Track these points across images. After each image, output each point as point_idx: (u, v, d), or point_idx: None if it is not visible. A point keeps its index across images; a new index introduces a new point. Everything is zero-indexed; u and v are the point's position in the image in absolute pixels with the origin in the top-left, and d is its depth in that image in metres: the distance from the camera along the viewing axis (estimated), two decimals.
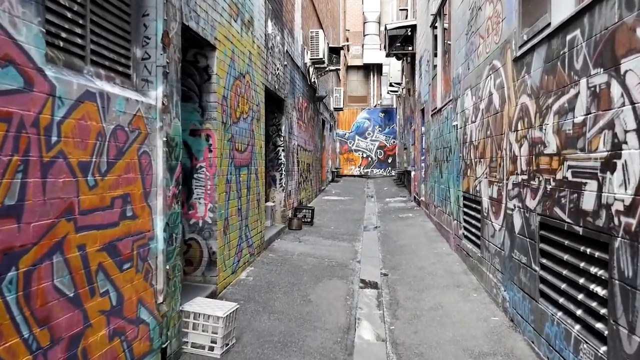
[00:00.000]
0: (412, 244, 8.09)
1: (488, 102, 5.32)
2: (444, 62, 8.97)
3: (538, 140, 3.76)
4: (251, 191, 6.52)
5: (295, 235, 8.84)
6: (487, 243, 5.37)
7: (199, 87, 5.05)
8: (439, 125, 9.20)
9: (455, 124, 7.33)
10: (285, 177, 9.28)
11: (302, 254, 7.37)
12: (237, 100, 5.86)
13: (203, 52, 5.02)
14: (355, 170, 27.58)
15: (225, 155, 5.40)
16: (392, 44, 13.89)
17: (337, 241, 8.51)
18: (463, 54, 6.73)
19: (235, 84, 5.77)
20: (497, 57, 4.94)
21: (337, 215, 11.55)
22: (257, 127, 6.87)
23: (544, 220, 3.64)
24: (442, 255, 7.24)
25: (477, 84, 5.88)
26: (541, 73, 3.69)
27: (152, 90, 3.25)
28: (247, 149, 6.33)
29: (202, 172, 5.06)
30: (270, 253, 7.28)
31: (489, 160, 5.28)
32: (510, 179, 4.49)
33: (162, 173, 3.29)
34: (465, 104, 6.56)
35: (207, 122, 5.05)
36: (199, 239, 5.08)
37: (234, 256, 5.73)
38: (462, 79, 6.78)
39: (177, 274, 3.64)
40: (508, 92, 4.58)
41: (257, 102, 6.88)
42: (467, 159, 6.46)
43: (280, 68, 8.69)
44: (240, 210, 6.00)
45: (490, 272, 5.18)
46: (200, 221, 5.08)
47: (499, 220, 4.88)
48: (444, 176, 8.51)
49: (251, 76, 6.51)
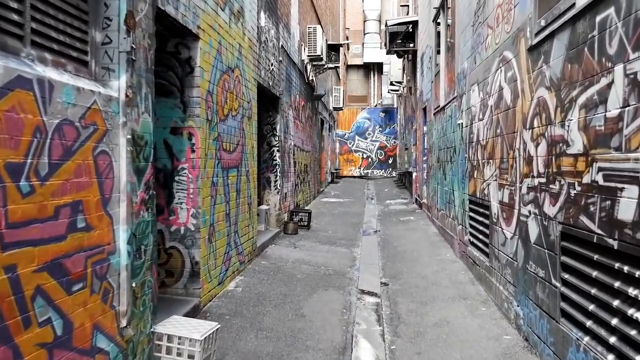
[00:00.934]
0: (413, 250, 7.63)
1: (498, 98, 4.87)
2: (447, 57, 8.52)
3: (559, 138, 3.30)
4: (241, 194, 6.07)
5: (290, 240, 8.38)
6: (496, 252, 4.91)
7: (181, 81, 4.60)
8: (442, 124, 8.75)
9: (460, 123, 6.88)
10: (280, 179, 8.83)
11: (297, 260, 6.91)
12: (225, 96, 5.41)
13: (185, 42, 4.57)
14: (355, 171, 27.11)
15: (211, 155, 4.94)
16: (392, 41, 13.44)
17: (334, 247, 8.05)
18: (469, 48, 6.27)
19: (223, 79, 5.31)
20: (509, 48, 4.48)
21: (336, 219, 11.09)
22: (248, 126, 6.42)
23: (567, 230, 3.18)
24: (446, 262, 6.78)
25: (485, 78, 5.42)
26: (563, 62, 3.23)
27: (114, 80, 2.80)
28: (237, 149, 5.88)
29: (184, 174, 4.61)
30: (262, 260, 6.82)
31: (499, 161, 4.82)
32: (525, 182, 4.03)
33: (126, 176, 2.83)
34: (472, 100, 6.11)
35: (190, 120, 4.60)
36: (180, 248, 4.63)
37: (221, 265, 5.27)
38: (468, 74, 6.33)
39: (148, 292, 3.18)
40: (522, 86, 4.12)
41: (249, 99, 6.43)
42: (474, 159, 6.00)
43: (275, 64, 8.23)
44: (229, 215, 5.54)
45: (501, 283, 4.72)
46: (181, 228, 4.63)
47: (511, 227, 4.42)
48: (448, 178, 8.05)
49: (241, 71, 6.06)
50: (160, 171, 4.61)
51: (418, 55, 12.86)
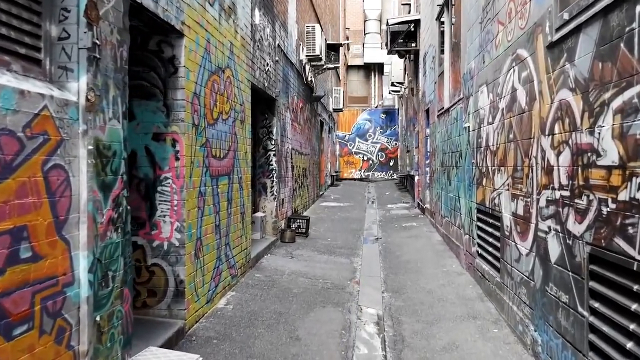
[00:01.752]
0: (417, 260, 7.22)
1: (510, 100, 4.46)
2: (452, 57, 8.11)
3: (587, 147, 2.89)
4: (233, 203, 5.66)
5: (287, 249, 7.97)
6: (509, 267, 4.50)
7: (164, 82, 4.20)
8: (446, 127, 8.34)
9: (466, 126, 6.47)
10: (277, 185, 8.42)
11: (293, 273, 6.50)
12: (215, 99, 5.01)
13: (168, 40, 4.17)
14: (356, 173, 26.69)
15: (198, 163, 4.54)
16: (394, 41, 13.03)
17: (333, 256, 7.64)
18: (476, 46, 5.87)
19: (212, 80, 4.91)
20: (524, 45, 4.08)
21: (335, 225, 10.68)
22: (241, 130, 6.02)
23: (597, 252, 2.77)
24: (452, 274, 6.37)
25: (495, 79, 5.02)
26: (591, 60, 2.83)
27: (73, 82, 2.40)
28: (228, 155, 5.48)
29: (168, 185, 4.20)
30: (257, 272, 6.41)
31: (512, 170, 4.41)
32: (543, 195, 3.62)
33: (88, 193, 2.43)
34: (480, 102, 5.70)
35: (174, 124, 4.19)
36: (163, 265, 4.22)
37: (210, 282, 4.87)
38: (476, 75, 5.92)
39: (117, 323, 2.78)
40: (539, 87, 3.72)
41: (241, 101, 6.02)
42: (482, 166, 5.59)
43: (271, 64, 7.83)
44: (219, 227, 5.14)
45: (514, 303, 4.32)
46: (165, 243, 4.22)
47: (527, 242, 4.01)
48: (453, 184, 7.64)
49: (233, 71, 5.66)
50: (142, 181, 4.21)
51: (420, 55, 12.46)
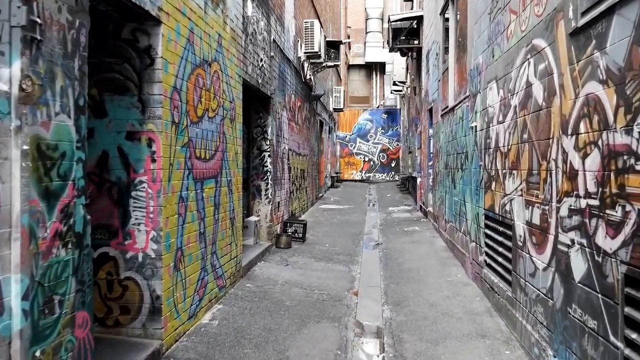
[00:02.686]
0: (420, 268, 6.78)
1: (525, 96, 4.02)
2: (457, 52, 7.68)
3: (622, 148, 2.46)
4: (221, 208, 5.23)
5: (282, 255, 7.54)
6: (522, 282, 4.06)
7: (139, 75, 3.77)
8: (450, 127, 7.90)
9: (473, 126, 6.03)
10: (272, 187, 7.99)
11: (287, 282, 6.07)
12: (199, 94, 4.58)
13: (143, 27, 3.74)
14: (357, 174, 26.23)
15: (179, 165, 4.11)
16: (396, 38, 12.60)
17: (331, 264, 7.20)
18: (484, 39, 5.43)
19: (196, 74, 4.49)
20: (541, 35, 3.64)
21: (334, 229, 10.24)
22: (231, 129, 5.59)
23: (635, 273, 2.34)
24: (458, 285, 5.93)
25: (506, 74, 4.58)
26: (629, 45, 2.39)
27: (3, 67, 1.97)
28: (215, 156, 5.05)
29: (143, 189, 3.77)
30: (248, 282, 5.98)
31: (526, 173, 3.97)
32: (565, 202, 3.18)
33: (22, 203, 2.00)
34: (489, 100, 5.26)
35: (150, 122, 3.77)
36: (138, 279, 3.79)
37: (193, 295, 4.44)
38: (484, 70, 5.49)
39: (66, 356, 2.35)
40: (560, 80, 3.28)
41: (231, 98, 5.60)
42: (491, 169, 5.15)
43: (266, 60, 7.41)
44: (204, 234, 4.71)
45: (529, 322, 3.88)
46: (139, 255, 3.79)
47: (544, 256, 3.57)
48: (458, 187, 7.20)
49: (222, 65, 5.23)
50: (114, 185, 3.78)
51: (423, 52, 12.02)
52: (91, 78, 3.76)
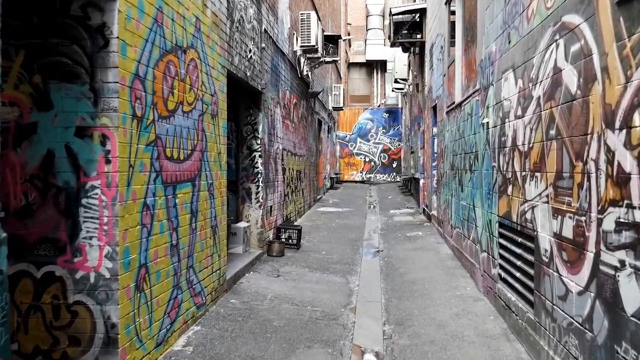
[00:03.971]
0: (425, 280, 6.15)
1: (552, 85, 3.39)
2: (465, 43, 7.05)
3: None
4: (200, 216, 4.61)
5: (274, 265, 6.91)
6: (548, 304, 3.43)
7: (91, 60, 3.15)
8: (457, 125, 7.27)
9: (485, 122, 5.40)
10: (263, 190, 7.36)
11: (277, 297, 5.44)
12: (171, 85, 3.95)
13: (96, 2, 3.12)
14: (357, 175, 25.58)
15: (142, 167, 3.49)
16: (397, 32, 11.98)
17: (327, 274, 6.57)
18: (498, 24, 4.81)
19: (166, 61, 3.86)
20: (574, 9, 3.01)
21: (332, 234, 9.60)
22: (212, 126, 4.97)
23: None
24: (468, 300, 5.29)
25: (526, 60, 3.95)
26: None
27: None
28: (192, 157, 4.42)
29: (95, 196, 3.15)
30: (233, 297, 5.35)
31: (554, 177, 3.34)
32: (611, 214, 2.55)
33: None
34: (504, 92, 4.63)
35: (103, 115, 3.14)
36: (89, 304, 3.16)
37: (162, 318, 3.81)
38: (497, 59, 4.86)
39: None
40: (602, 62, 2.65)
41: (213, 91, 4.97)
42: (507, 170, 4.52)
43: (256, 51, 6.78)
44: (177, 247, 4.08)
45: (558, 354, 3.24)
46: (91, 275, 3.16)
47: (579, 277, 2.94)
48: (466, 190, 6.56)
49: (200, 53, 4.61)
50: (61, 191, 3.15)
51: (426, 47, 11.39)
52: (34, 63, 3.15)
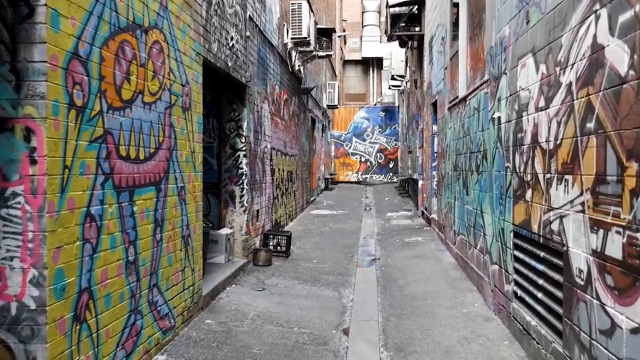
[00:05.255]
0: (427, 294, 5.50)
1: (590, 67, 2.75)
2: (470, 31, 6.42)
3: None
4: (167, 225, 3.95)
5: (259, 276, 6.25)
6: (584, 337, 2.79)
7: (12, 33, 2.49)
8: (461, 121, 6.64)
9: (496, 117, 4.76)
10: (248, 193, 6.70)
11: (260, 316, 4.78)
12: (126, 70, 3.29)
13: None
14: (353, 176, 24.92)
15: (84, 168, 2.82)
16: (394, 25, 11.35)
17: (318, 287, 5.92)
18: (513, 3, 4.18)
19: (119, 40, 3.20)
20: None
21: (324, 240, 8.94)
22: (184, 121, 4.31)
23: None
24: (477, 320, 4.65)
25: (551, 41, 3.31)
26: None
27: None
28: (156, 156, 3.76)
29: (17, 206, 2.49)
30: (209, 317, 4.69)
31: (595, 180, 2.70)
32: None
33: None
34: (521, 81, 3.99)
35: (28, 104, 2.48)
36: (10, 342, 2.50)
37: (114, 351, 3.15)
38: (512, 44, 4.22)
39: None
40: None
41: (184, 81, 4.32)
42: (525, 172, 3.89)
43: (239, 40, 6.12)
44: (135, 263, 3.42)
45: None
46: (12, 305, 2.50)
47: (632, 310, 2.30)
48: (472, 194, 5.93)
49: (167, 36, 3.95)
50: None
51: (425, 40, 10.76)
52: None
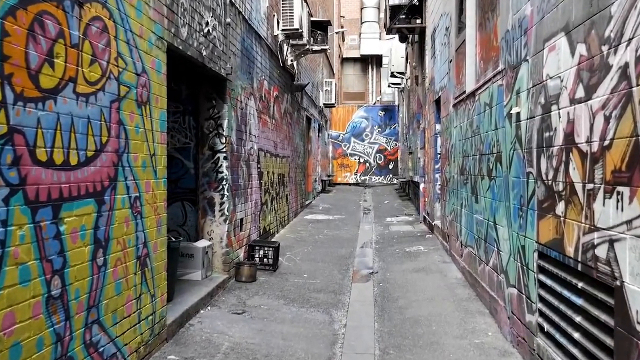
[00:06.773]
0: (431, 318, 4.76)
1: None
2: (480, 15, 5.68)
3: None
4: (114, 246, 3.20)
5: (241, 295, 5.50)
6: None
7: None
8: (469, 119, 5.89)
9: (514, 112, 4.02)
10: (230, 200, 5.95)
11: (234, 348, 4.03)
12: (46, 50, 2.55)
13: None
14: (351, 177, 24.15)
15: None
16: (394, 17, 10.61)
17: (306, 308, 5.17)
18: None
19: (35, 11, 2.46)
20: None
21: (318, 249, 8.19)
22: (139, 117, 3.56)
23: None
24: (492, 354, 3.91)
25: (595, 13, 2.57)
26: None
27: None
28: (97, 161, 3.02)
29: None
30: (172, 352, 3.94)
31: None
32: None
33: None
34: (548, 68, 3.25)
35: None
36: None
37: None
38: (536, 24, 3.48)
39: None
40: None
41: (140, 70, 3.57)
42: (556, 179, 3.14)
43: (217, 26, 5.38)
44: (62, 298, 2.67)
45: None
46: None
47: None
48: (483, 202, 5.18)
49: (115, 13, 3.21)
50: None
51: (427, 32, 10.02)
52: None
